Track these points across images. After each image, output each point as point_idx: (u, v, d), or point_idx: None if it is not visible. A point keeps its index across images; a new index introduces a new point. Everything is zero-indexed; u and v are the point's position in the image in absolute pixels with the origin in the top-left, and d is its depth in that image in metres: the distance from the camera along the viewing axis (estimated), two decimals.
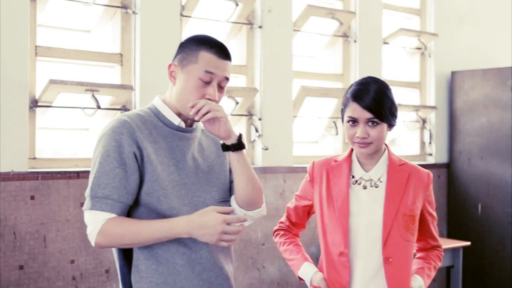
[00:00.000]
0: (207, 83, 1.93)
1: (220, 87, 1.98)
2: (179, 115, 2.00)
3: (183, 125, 2.01)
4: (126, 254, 1.98)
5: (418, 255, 2.32)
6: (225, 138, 1.95)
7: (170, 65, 1.99)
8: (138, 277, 1.92)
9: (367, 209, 2.11)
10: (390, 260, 2.09)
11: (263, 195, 2.09)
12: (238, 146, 1.96)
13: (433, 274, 2.25)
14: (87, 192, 1.89)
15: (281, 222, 2.37)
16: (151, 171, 1.90)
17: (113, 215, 1.87)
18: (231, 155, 1.97)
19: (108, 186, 1.86)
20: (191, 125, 2.05)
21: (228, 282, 2.01)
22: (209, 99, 1.92)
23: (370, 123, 2.06)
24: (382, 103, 2.05)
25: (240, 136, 1.97)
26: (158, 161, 1.92)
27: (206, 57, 1.93)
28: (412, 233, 2.14)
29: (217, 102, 1.95)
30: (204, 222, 1.82)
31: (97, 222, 1.87)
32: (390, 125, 2.12)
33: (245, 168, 1.99)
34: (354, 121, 2.08)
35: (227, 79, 1.98)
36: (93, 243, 1.90)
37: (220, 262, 1.99)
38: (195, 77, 1.93)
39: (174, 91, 1.99)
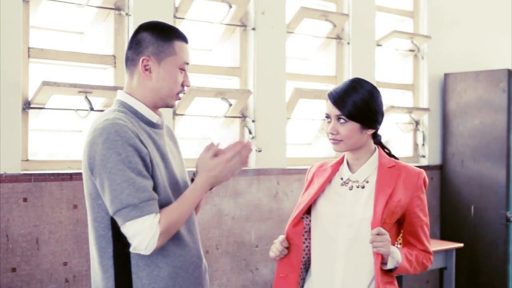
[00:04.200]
0: (184, 71, 1.98)
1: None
2: (153, 109, 1.98)
3: (160, 121, 2.00)
4: (122, 262, 1.89)
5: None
6: None
7: (143, 60, 1.92)
8: (140, 284, 1.88)
9: (348, 210, 2.10)
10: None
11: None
12: None
13: (414, 261, 2.10)
14: (124, 203, 1.78)
15: None
16: (157, 174, 1.89)
17: (158, 214, 1.83)
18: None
19: (146, 188, 1.81)
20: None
21: (207, 276, 2.08)
22: (187, 86, 1.99)
23: (339, 120, 2.07)
24: (351, 101, 2.04)
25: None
26: (156, 162, 1.91)
27: (181, 46, 1.96)
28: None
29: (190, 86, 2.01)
30: (218, 171, 1.92)
31: (154, 227, 1.79)
32: (366, 127, 2.09)
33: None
34: (328, 117, 2.11)
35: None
36: (150, 251, 1.81)
37: (203, 258, 2.05)
38: (176, 68, 1.95)
39: (150, 85, 1.94)
